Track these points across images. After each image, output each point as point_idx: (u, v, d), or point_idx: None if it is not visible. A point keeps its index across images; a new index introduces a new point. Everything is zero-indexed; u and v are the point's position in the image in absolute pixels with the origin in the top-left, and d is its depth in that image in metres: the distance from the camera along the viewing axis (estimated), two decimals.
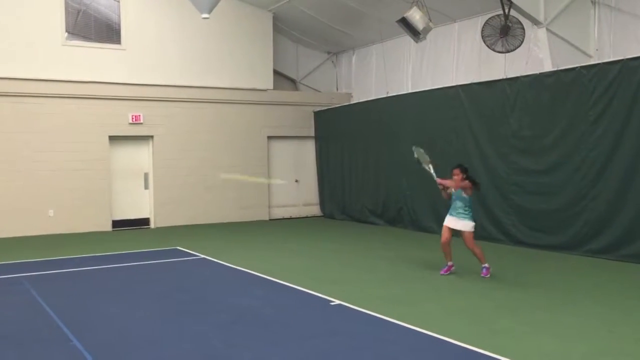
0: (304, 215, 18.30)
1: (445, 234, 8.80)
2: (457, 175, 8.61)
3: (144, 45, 15.75)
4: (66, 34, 14.99)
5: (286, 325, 6.58)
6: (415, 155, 9.17)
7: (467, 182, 8.63)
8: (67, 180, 14.82)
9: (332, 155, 17.66)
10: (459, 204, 8.71)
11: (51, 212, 14.69)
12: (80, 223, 14.94)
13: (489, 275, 8.65)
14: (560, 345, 5.74)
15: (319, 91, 18.89)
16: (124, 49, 15.53)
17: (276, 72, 17.93)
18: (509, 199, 11.91)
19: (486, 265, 8.73)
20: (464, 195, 8.67)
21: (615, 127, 10.01)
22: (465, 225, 8.67)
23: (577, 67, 10.64)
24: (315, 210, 18.49)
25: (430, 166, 8.97)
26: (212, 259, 10.78)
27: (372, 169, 15.96)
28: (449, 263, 8.96)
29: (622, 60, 9.92)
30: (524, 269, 9.70)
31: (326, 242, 13.11)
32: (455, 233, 8.86)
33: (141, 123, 15.71)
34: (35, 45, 14.49)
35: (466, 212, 8.70)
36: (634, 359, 5.39)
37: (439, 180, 8.75)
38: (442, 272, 9.00)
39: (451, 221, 8.78)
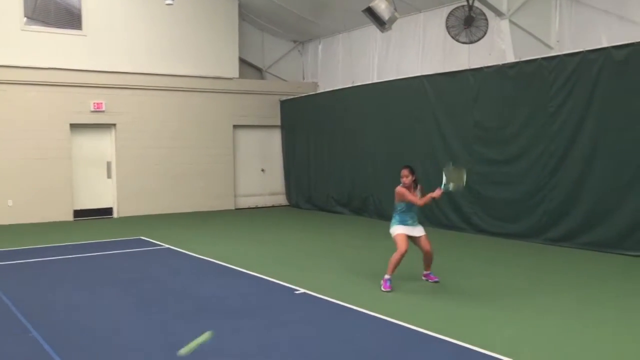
0: (270, 205, 18.28)
1: (407, 244, 7.49)
2: (407, 177, 7.45)
3: (106, 32, 15.42)
4: (25, 18, 14.59)
5: (250, 314, 6.58)
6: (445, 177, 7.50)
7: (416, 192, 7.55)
8: (26, 169, 14.48)
9: (298, 144, 17.64)
10: (414, 208, 7.60)
11: (10, 202, 14.34)
12: (41, 213, 14.64)
13: (438, 280, 7.80)
14: (518, 331, 5.88)
15: (285, 80, 18.81)
16: (85, 35, 15.19)
17: (242, 61, 17.79)
18: (471, 189, 12.04)
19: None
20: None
21: (574, 119, 10.23)
22: (421, 230, 7.69)
23: (538, 59, 10.82)
24: (282, 199, 18.48)
25: (451, 185, 7.47)
26: (177, 249, 10.69)
27: (338, 158, 15.99)
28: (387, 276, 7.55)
29: (582, 52, 10.13)
30: (485, 257, 9.89)
31: (291, 232, 13.12)
32: None
33: (103, 111, 15.42)
34: None
35: (416, 216, 7.73)
36: (590, 346, 5.56)
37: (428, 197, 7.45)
38: (385, 288, 7.45)
39: (409, 230, 7.59)
